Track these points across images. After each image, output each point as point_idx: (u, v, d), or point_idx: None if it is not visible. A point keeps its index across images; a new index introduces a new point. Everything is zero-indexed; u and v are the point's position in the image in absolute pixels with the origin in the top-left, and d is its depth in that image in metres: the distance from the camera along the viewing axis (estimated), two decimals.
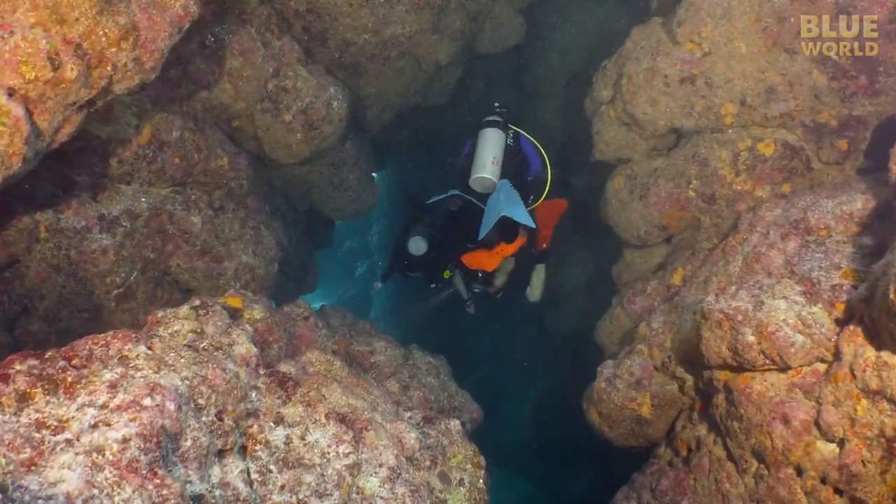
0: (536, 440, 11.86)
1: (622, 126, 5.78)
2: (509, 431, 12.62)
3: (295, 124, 5.58)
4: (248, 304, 4.34)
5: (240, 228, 5.66)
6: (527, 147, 6.30)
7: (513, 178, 5.85)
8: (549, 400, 12.08)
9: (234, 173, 5.79)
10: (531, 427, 12.22)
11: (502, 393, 13.82)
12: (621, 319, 5.84)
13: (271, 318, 4.39)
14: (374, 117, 7.52)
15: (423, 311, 8.85)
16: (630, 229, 5.64)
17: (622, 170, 5.87)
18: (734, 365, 3.71)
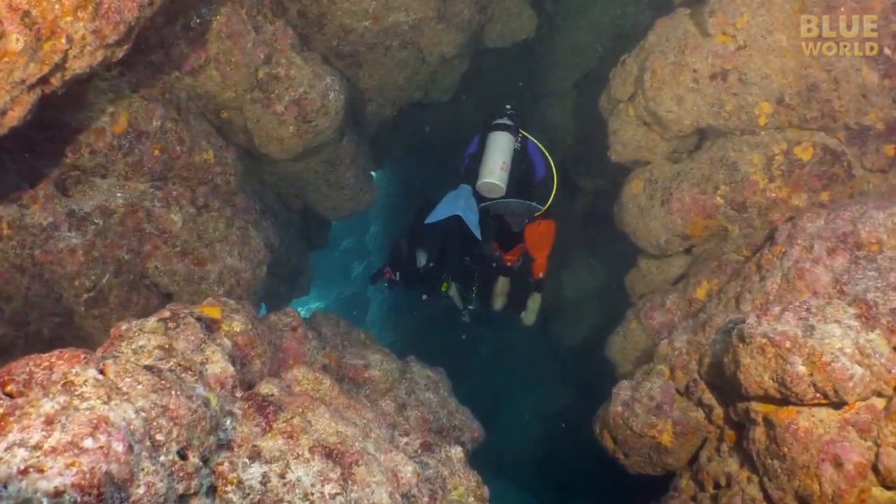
0: (537, 451, 11.40)
1: (641, 126, 5.33)
2: (508, 438, 12.18)
3: (287, 116, 5.12)
4: (227, 315, 3.88)
5: (225, 228, 5.21)
6: (533, 152, 6.02)
7: (518, 182, 5.65)
8: (551, 408, 11.65)
9: (220, 168, 5.34)
10: (531, 435, 11.78)
11: (501, 398, 13.40)
12: (637, 335, 5.39)
13: (254, 330, 3.94)
14: (374, 112, 7.07)
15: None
16: (648, 237, 5.19)
17: (640, 173, 5.43)
18: (777, 397, 3.26)
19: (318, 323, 5.65)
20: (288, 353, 4.51)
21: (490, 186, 5.41)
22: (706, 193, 4.72)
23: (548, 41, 9.04)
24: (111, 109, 4.67)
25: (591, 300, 10.05)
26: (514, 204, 5.62)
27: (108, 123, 4.64)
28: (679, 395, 4.34)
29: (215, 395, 2.96)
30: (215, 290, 5.13)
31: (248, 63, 4.96)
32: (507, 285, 6.99)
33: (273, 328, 4.59)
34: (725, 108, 4.58)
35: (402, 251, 7.88)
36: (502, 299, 7.08)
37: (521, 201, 5.64)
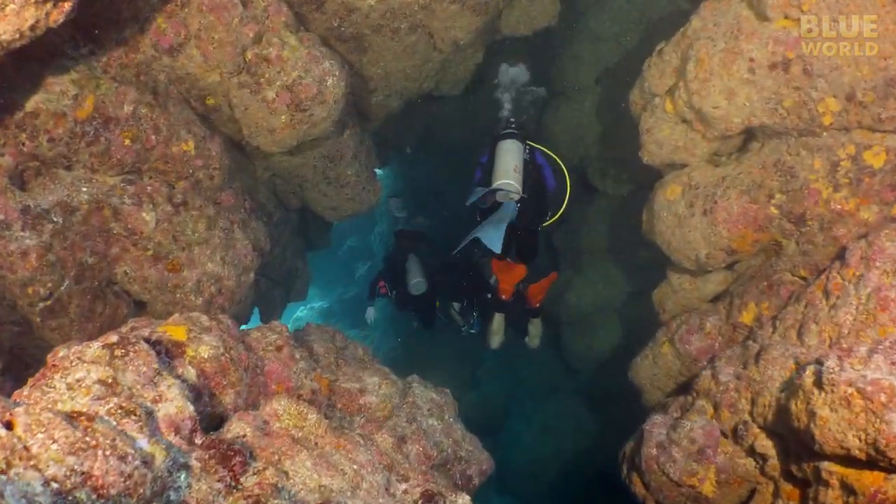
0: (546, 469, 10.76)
1: (680, 124, 4.70)
2: (514, 453, 11.55)
3: (279, 104, 4.50)
4: (195, 336, 3.27)
5: (206, 229, 4.60)
6: (541, 161, 6.07)
7: (531, 192, 5.67)
8: (561, 424, 11.02)
9: (201, 161, 4.72)
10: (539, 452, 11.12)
11: (508, 410, 12.78)
12: (669, 360, 4.76)
13: (227, 354, 3.33)
14: (379, 104, 6.45)
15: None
16: (686, 250, 4.55)
17: (677, 177, 4.79)
18: (862, 459, 2.63)
19: (311, 338, 5.03)
20: (270, 377, 3.91)
21: (505, 186, 5.33)
22: (758, 202, 4.08)
23: (567, 33, 8.41)
24: (74, 91, 4.07)
25: (607, 311, 9.42)
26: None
27: (70, 107, 4.04)
28: (725, 437, 3.71)
29: (162, 448, 2.34)
30: (192, 299, 4.53)
31: (233, 42, 4.35)
32: (503, 322, 7.09)
33: (254, 348, 3.99)
34: (784, 104, 3.94)
35: (397, 267, 8.20)
36: (499, 337, 7.18)
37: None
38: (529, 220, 5.76)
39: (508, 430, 12.54)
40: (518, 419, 12.45)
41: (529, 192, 5.57)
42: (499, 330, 7.14)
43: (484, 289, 7.06)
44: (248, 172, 6.28)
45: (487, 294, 7.05)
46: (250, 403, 3.58)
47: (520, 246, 6.06)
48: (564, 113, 8.53)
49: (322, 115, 4.70)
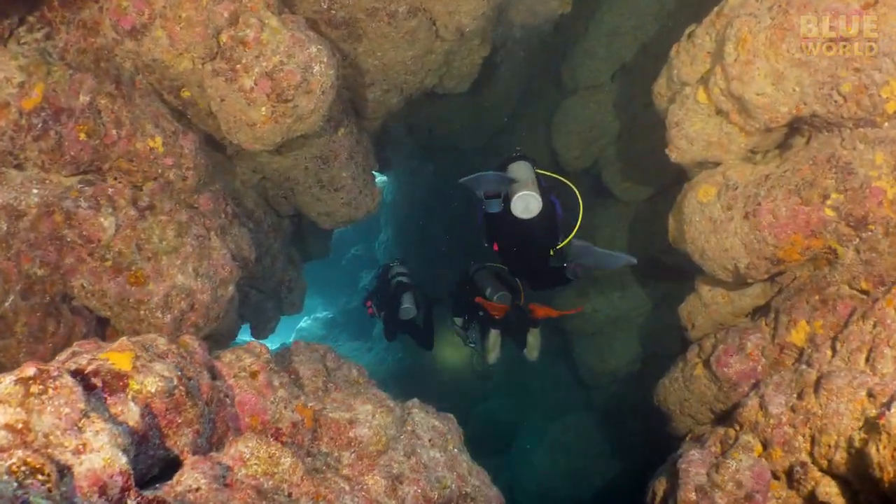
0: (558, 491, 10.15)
1: (714, 116, 4.14)
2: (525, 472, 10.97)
3: (257, 93, 3.95)
4: (142, 366, 2.71)
5: (175, 237, 4.05)
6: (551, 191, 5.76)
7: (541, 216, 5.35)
8: (574, 442, 10.42)
9: (172, 160, 4.18)
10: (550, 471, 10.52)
11: (517, 426, 12.20)
12: (703, 384, 4.18)
13: (181, 387, 2.77)
14: (377, 100, 5.90)
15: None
16: (722, 259, 3.98)
17: (710, 177, 4.22)
18: None
19: (297, 358, 4.47)
20: (243, 409, 3.36)
21: (526, 200, 5.12)
22: (810, 203, 3.50)
23: (580, 26, 7.86)
24: (21, 79, 3.55)
25: (623, 323, 8.83)
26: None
27: (14, 96, 3.51)
28: (776, 480, 3.13)
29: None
30: (159, 316, 3.97)
31: (204, 21, 3.81)
32: (499, 338, 6.93)
33: (224, 374, 3.44)
34: (841, 88, 3.37)
35: (387, 290, 8.20)
36: (496, 353, 7.02)
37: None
38: (542, 243, 5.53)
39: (518, 448, 11.96)
40: (528, 436, 11.88)
41: (539, 216, 5.30)
42: (495, 346, 6.96)
43: (478, 307, 6.69)
44: (234, 175, 5.75)
45: (480, 312, 6.79)
46: (215, 443, 3.03)
47: (533, 275, 5.86)
48: (577, 112, 7.96)
49: (308, 108, 4.15)
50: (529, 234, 5.41)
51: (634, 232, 8.43)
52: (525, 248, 5.49)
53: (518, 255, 5.63)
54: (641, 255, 8.40)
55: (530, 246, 5.48)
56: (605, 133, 7.93)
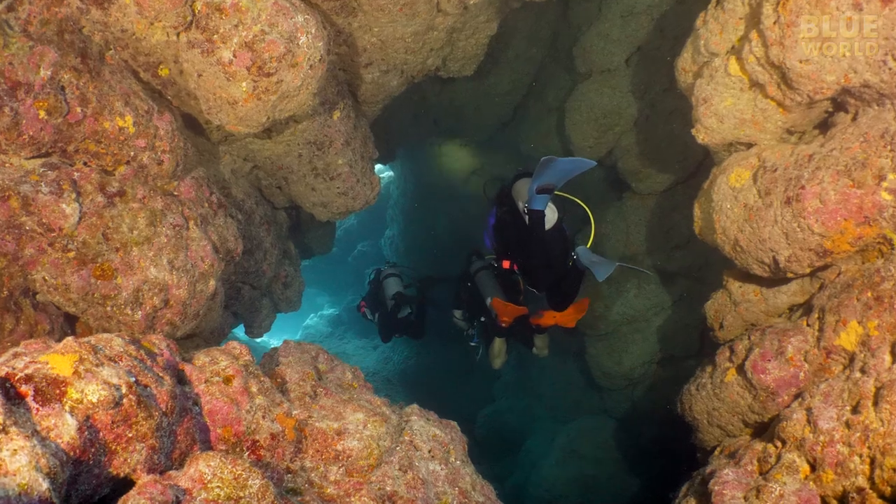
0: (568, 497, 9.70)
1: (747, 90, 3.70)
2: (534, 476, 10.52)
3: (237, 66, 3.55)
4: (86, 370, 2.31)
5: (147, 226, 3.64)
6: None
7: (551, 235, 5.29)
8: (586, 447, 9.96)
9: (144, 141, 3.78)
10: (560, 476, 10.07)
11: (527, 429, 11.77)
12: (735, 391, 3.74)
13: (131, 395, 2.37)
14: (376, 82, 5.47)
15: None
16: (758, 251, 3.54)
17: (743, 159, 3.78)
18: None
19: (286, 360, 4.06)
20: (214, 420, 2.95)
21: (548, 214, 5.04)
22: (864, 186, 3.05)
23: (593, 7, 7.42)
24: None
25: (639, 323, 8.37)
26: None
27: None
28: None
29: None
30: (129, 313, 3.57)
31: None
32: (504, 345, 6.70)
33: (194, 380, 3.04)
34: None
35: (381, 291, 8.30)
36: (501, 359, 6.78)
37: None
38: (559, 260, 5.36)
39: (527, 451, 11.53)
40: (538, 439, 11.45)
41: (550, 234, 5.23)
42: (500, 352, 6.69)
43: (482, 311, 6.42)
44: (222, 162, 5.35)
45: (482, 318, 6.58)
46: (177, 459, 2.62)
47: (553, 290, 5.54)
48: (591, 98, 7.51)
49: (294, 84, 3.74)
50: (546, 250, 5.21)
51: (651, 225, 7.99)
52: (542, 264, 5.31)
53: (533, 272, 5.44)
54: (660, 250, 8.01)
55: (548, 262, 5.28)
56: (621, 120, 7.48)
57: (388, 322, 8.17)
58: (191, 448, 2.70)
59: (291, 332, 22.75)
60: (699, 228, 4.27)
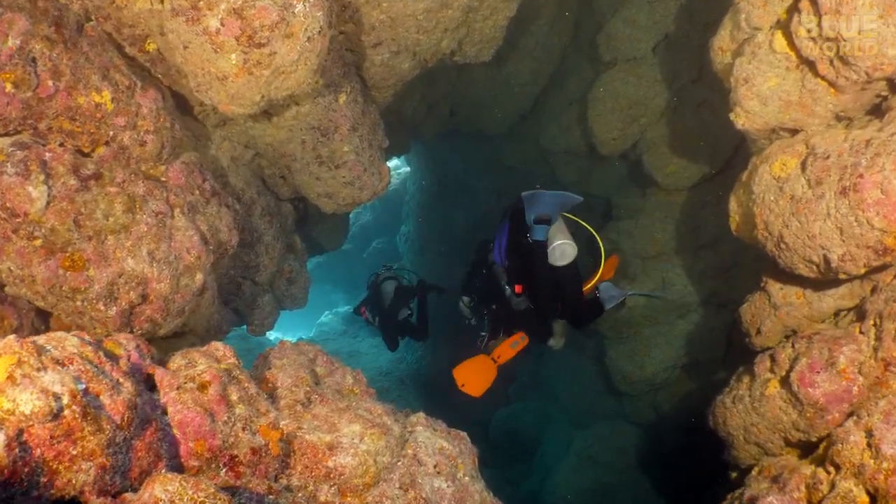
0: None
1: (794, 69, 3.30)
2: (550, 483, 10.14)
3: (225, 36, 3.19)
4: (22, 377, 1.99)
5: (125, 212, 3.30)
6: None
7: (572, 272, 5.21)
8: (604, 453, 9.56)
9: (124, 120, 3.44)
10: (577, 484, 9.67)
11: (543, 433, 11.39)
12: (777, 406, 3.34)
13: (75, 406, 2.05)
14: (385, 64, 5.12)
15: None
16: (807, 249, 3.14)
17: (787, 146, 3.38)
18: None
19: (279, 363, 3.71)
20: (185, 432, 2.61)
21: (563, 248, 4.91)
22: None
23: None
24: None
25: (663, 326, 7.95)
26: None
27: None
28: None
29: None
30: (102, 309, 3.23)
31: None
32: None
33: (164, 386, 2.71)
34: None
35: (381, 294, 8.15)
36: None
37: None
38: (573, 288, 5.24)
39: (543, 456, 11.13)
40: (553, 443, 11.05)
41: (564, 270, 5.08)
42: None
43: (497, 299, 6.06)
44: (222, 150, 5.01)
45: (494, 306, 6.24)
46: (137, 477, 2.29)
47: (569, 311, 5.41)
48: (616, 87, 7.09)
49: (290, 57, 3.38)
50: (558, 280, 5.11)
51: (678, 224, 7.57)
52: (554, 293, 5.20)
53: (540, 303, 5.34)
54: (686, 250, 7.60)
55: (560, 290, 5.17)
56: (647, 111, 7.06)
57: (388, 325, 8.05)
58: (155, 465, 2.37)
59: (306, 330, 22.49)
60: (736, 224, 3.86)
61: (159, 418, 2.49)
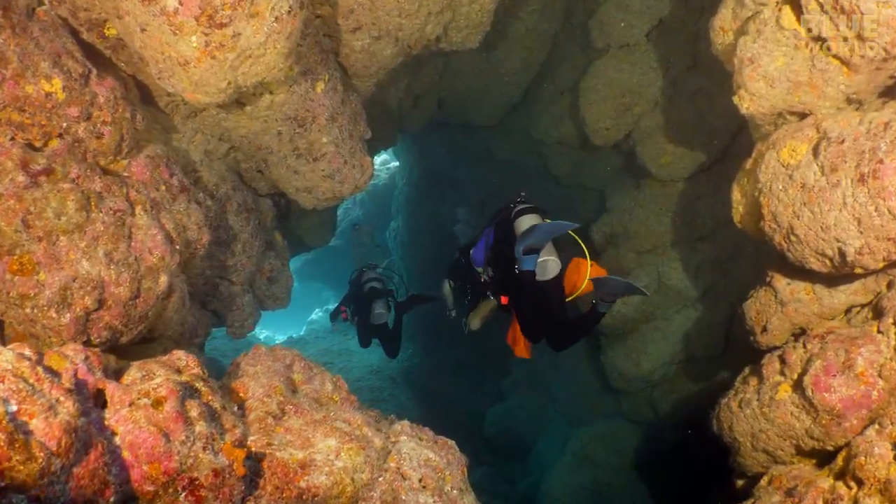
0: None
1: (804, 48, 3.04)
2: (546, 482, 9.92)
3: (183, 16, 2.93)
4: None
5: (78, 210, 3.03)
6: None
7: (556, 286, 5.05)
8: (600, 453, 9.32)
9: (78, 110, 3.17)
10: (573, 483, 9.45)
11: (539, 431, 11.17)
12: (789, 411, 3.09)
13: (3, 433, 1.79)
14: (366, 50, 4.84)
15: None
16: (818, 241, 2.89)
17: (797, 131, 3.13)
18: None
19: (252, 370, 3.44)
20: (137, 454, 2.35)
21: (545, 265, 4.79)
22: None
23: None
24: None
25: (659, 321, 7.71)
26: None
27: None
28: None
29: None
30: (54, 316, 2.96)
31: None
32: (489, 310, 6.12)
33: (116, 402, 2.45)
34: None
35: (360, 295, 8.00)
36: (477, 321, 6.28)
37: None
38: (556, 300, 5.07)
39: (539, 454, 10.91)
40: (549, 441, 10.84)
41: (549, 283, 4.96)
42: (479, 312, 6.19)
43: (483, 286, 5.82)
44: (194, 143, 4.73)
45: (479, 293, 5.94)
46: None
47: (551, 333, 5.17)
48: (609, 75, 6.83)
49: (256, 39, 3.11)
50: (544, 293, 4.92)
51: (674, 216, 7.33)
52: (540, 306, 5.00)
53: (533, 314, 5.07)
54: (683, 242, 7.36)
55: (546, 304, 4.97)
56: (641, 99, 6.81)
57: (366, 328, 7.98)
58: (101, 493, 2.11)
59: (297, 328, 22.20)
60: (740, 216, 3.62)
61: (108, 440, 2.24)
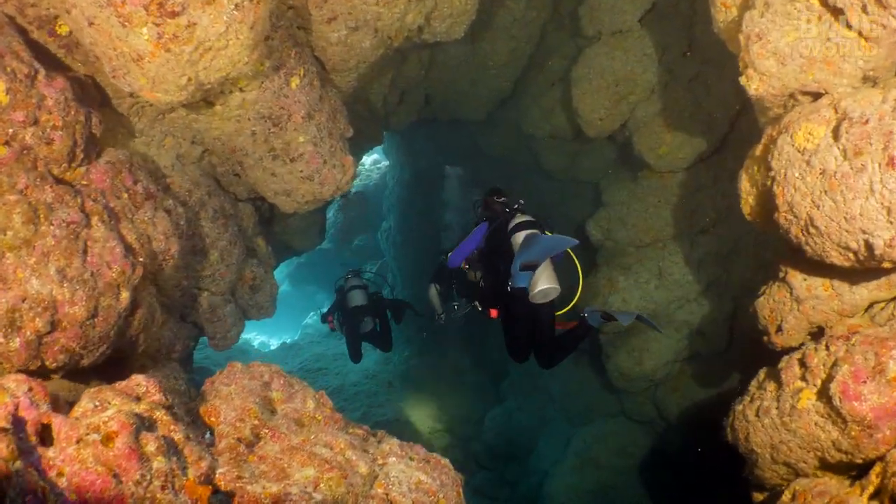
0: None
1: (817, 21, 2.78)
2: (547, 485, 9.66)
3: (132, 6, 2.64)
4: None
5: (25, 224, 2.74)
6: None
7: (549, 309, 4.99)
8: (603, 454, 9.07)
9: (23, 115, 2.88)
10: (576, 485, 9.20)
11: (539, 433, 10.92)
12: (813, 421, 2.82)
13: None
14: (343, 43, 4.55)
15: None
16: (841, 232, 2.62)
17: (812, 112, 2.86)
18: None
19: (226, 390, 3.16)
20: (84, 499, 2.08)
21: (545, 293, 4.61)
22: None
23: None
24: None
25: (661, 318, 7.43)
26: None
27: None
28: None
29: None
30: (1, 341, 2.67)
31: None
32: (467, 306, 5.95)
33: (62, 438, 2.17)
34: None
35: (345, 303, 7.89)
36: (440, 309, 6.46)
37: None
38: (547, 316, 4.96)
39: (539, 456, 10.66)
40: (551, 444, 10.58)
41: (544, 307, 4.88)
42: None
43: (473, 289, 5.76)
44: (165, 147, 4.45)
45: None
46: None
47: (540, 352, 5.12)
48: (601, 63, 6.55)
49: (215, 29, 2.82)
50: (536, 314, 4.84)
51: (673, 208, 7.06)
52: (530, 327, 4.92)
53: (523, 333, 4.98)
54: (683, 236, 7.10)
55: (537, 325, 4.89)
56: (636, 88, 6.52)
57: (353, 336, 7.89)
58: None
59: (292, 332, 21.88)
60: (749, 207, 3.34)
61: (51, 484, 1.96)
